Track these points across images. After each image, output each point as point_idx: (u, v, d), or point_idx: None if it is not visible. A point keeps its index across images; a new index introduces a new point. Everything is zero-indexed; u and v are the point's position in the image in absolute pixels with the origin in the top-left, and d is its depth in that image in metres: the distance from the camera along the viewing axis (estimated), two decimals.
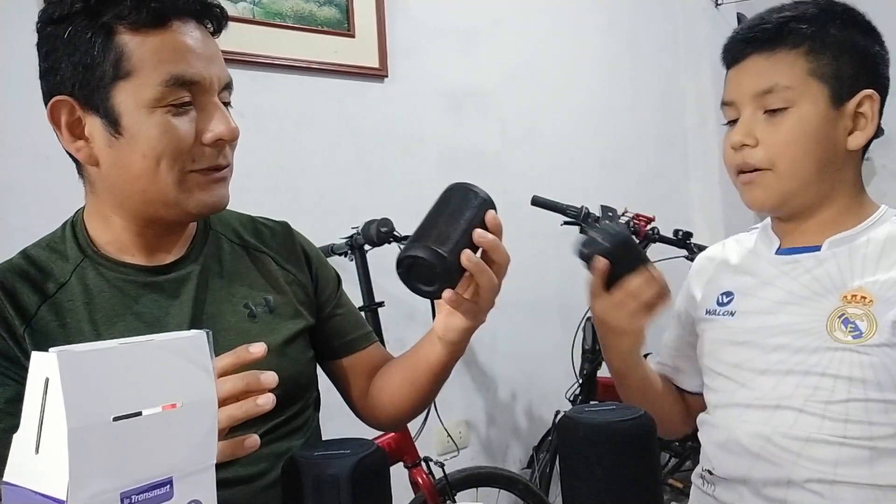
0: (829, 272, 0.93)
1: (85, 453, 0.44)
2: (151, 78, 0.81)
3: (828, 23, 0.93)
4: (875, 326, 0.86)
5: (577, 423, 0.69)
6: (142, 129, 0.82)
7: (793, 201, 0.95)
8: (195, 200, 0.87)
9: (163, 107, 0.82)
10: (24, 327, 0.84)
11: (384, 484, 0.67)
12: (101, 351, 0.47)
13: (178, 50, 0.83)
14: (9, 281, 0.86)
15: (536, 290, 2.53)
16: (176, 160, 0.84)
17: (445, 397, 2.08)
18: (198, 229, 0.98)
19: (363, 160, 2.18)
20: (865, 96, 0.92)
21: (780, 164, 0.92)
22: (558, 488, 0.81)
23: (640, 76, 2.91)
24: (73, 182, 0.95)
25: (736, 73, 0.97)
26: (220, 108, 0.86)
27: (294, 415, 0.97)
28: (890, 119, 1.08)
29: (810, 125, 0.92)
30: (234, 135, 0.87)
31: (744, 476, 0.93)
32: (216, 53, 0.88)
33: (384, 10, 2.18)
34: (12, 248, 0.91)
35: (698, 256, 1.15)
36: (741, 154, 0.95)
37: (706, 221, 2.92)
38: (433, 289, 0.80)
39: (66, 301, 0.87)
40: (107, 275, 0.89)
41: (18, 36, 1.66)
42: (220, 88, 0.88)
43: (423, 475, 1.82)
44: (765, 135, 0.93)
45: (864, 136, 0.94)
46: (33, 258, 0.89)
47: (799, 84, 0.92)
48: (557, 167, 2.61)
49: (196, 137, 0.84)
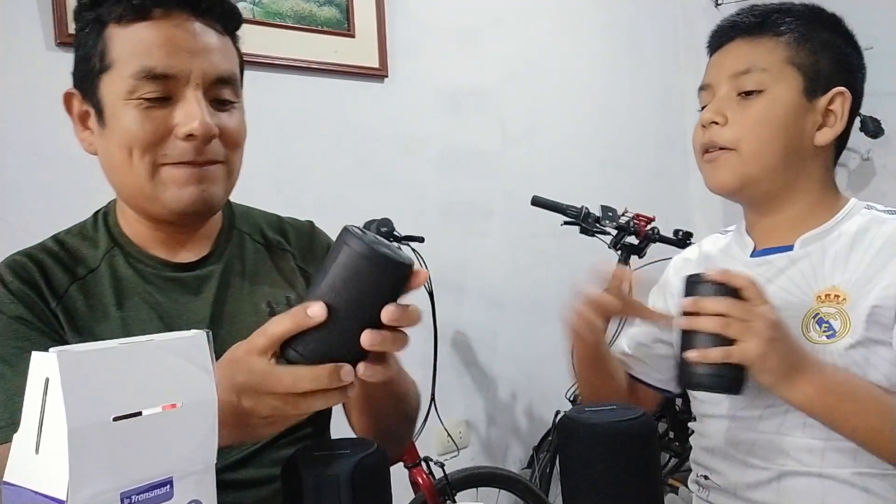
0: (803, 271, 0.93)
1: (85, 453, 0.44)
2: (125, 70, 0.83)
3: (813, 21, 0.95)
4: (849, 325, 0.87)
5: (577, 423, 0.69)
6: (119, 121, 0.84)
7: (754, 186, 0.95)
8: (171, 195, 0.85)
9: (135, 99, 0.82)
10: (56, 303, 0.86)
11: (384, 484, 0.67)
12: (101, 351, 0.47)
13: (153, 42, 0.82)
14: (42, 259, 0.88)
15: (536, 290, 2.53)
16: (146, 152, 0.83)
17: (445, 397, 2.07)
18: (222, 229, 0.98)
19: (363, 160, 2.18)
20: (838, 93, 0.93)
21: (744, 144, 0.93)
22: (558, 488, 0.81)
23: (640, 76, 2.91)
24: (73, 182, 0.96)
25: (718, 56, 0.99)
26: (196, 103, 0.83)
27: (308, 419, 0.95)
28: (890, 119, 1.08)
29: (780, 110, 0.92)
30: (205, 131, 0.83)
31: (736, 480, 0.94)
32: (207, 46, 0.85)
33: (384, 10, 2.18)
34: (12, 248, 0.91)
35: (675, 257, 1.15)
36: (709, 132, 0.95)
37: (706, 221, 2.91)
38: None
39: (95, 286, 0.88)
40: (135, 265, 0.91)
41: (19, 36, 1.66)
42: (209, 83, 0.85)
43: (423, 475, 1.82)
44: (735, 114, 0.94)
45: (832, 133, 0.94)
46: (65, 243, 0.91)
47: (775, 68, 0.93)
48: (557, 167, 2.61)
49: (170, 131, 0.84)
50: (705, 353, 0.80)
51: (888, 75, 2.58)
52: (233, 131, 0.88)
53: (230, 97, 0.88)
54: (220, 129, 0.86)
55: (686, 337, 0.83)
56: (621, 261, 2.14)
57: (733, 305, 0.80)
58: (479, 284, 2.41)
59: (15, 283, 0.85)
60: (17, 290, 0.84)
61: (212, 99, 0.86)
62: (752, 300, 0.81)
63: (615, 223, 2.13)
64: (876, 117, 2.52)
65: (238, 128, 0.89)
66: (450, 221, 2.36)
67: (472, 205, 2.42)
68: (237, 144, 0.90)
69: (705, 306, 0.80)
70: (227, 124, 0.88)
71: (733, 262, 1.01)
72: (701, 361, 0.81)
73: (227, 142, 0.88)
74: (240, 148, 0.91)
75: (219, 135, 0.86)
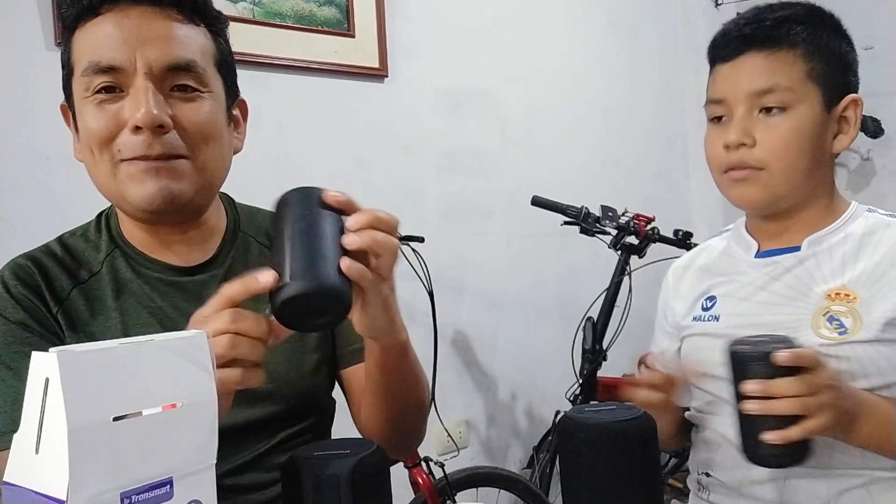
0: (810, 270, 0.94)
1: (85, 453, 0.44)
2: (79, 68, 0.82)
3: (818, 28, 0.95)
4: (860, 323, 0.88)
5: (577, 423, 0.69)
6: (83, 121, 0.83)
7: (783, 201, 0.95)
8: (132, 193, 0.82)
9: (91, 95, 0.82)
10: (57, 308, 0.85)
11: (384, 484, 0.67)
12: (101, 351, 0.47)
13: (99, 37, 0.82)
14: (45, 262, 0.88)
15: (536, 290, 2.53)
16: (103, 150, 0.82)
17: (445, 397, 2.07)
18: (226, 232, 0.96)
19: (363, 160, 2.18)
20: (851, 101, 0.94)
21: (774, 164, 0.92)
22: (558, 488, 0.81)
23: (640, 76, 2.91)
24: (72, 182, 0.96)
25: (731, 69, 0.96)
26: (141, 94, 0.80)
27: (311, 425, 0.95)
28: (890, 119, 1.09)
29: (807, 127, 0.92)
30: (149, 120, 0.79)
31: (741, 476, 0.93)
32: (157, 34, 0.82)
33: (384, 10, 2.18)
34: (12, 247, 0.91)
35: (671, 268, 1.14)
36: (737, 153, 0.94)
37: (706, 221, 2.92)
38: (328, 318, 0.67)
39: (97, 289, 0.88)
40: (136, 268, 0.90)
41: (19, 36, 1.66)
42: (160, 71, 0.81)
43: (424, 475, 1.82)
44: (762, 135, 0.93)
45: (847, 140, 0.95)
46: (68, 246, 0.91)
47: (799, 86, 0.92)
48: (557, 167, 2.61)
49: (123, 125, 0.81)
50: (785, 434, 0.76)
51: (888, 75, 2.58)
52: (194, 122, 0.83)
53: (193, 84, 0.84)
54: (179, 119, 0.82)
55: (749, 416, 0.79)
56: (621, 260, 2.14)
57: (804, 383, 0.76)
58: (479, 284, 2.41)
59: (18, 288, 0.84)
60: (19, 294, 0.84)
61: (171, 88, 0.83)
62: (817, 371, 0.78)
63: (615, 223, 2.13)
64: (876, 117, 2.52)
65: (202, 119, 0.84)
66: (450, 221, 2.35)
67: (472, 205, 2.42)
68: (204, 136, 0.84)
69: (778, 390, 0.76)
70: (187, 115, 0.83)
71: (736, 263, 1.01)
72: (781, 443, 0.77)
73: (189, 134, 0.83)
74: (211, 140, 0.85)
75: (174, 126, 0.82)
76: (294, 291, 0.63)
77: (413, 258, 1.88)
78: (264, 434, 0.90)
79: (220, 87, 0.89)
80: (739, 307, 0.98)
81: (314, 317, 0.66)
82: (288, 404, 0.92)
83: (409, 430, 0.98)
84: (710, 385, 0.99)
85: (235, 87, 0.94)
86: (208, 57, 0.87)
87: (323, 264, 0.65)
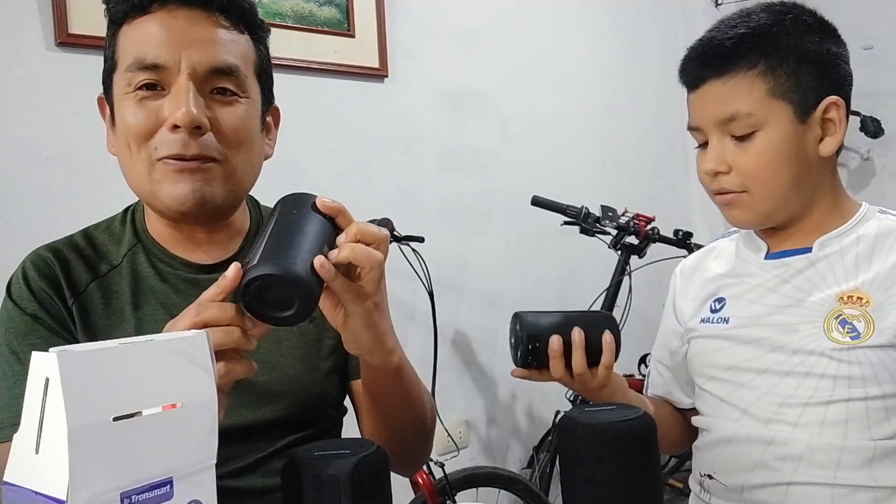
0: (822, 272, 0.93)
1: (85, 453, 0.44)
2: (124, 64, 0.84)
3: (780, 35, 0.90)
4: (872, 328, 0.86)
5: (577, 423, 0.69)
6: (121, 116, 0.84)
7: (774, 217, 0.95)
8: (165, 192, 0.83)
9: (132, 91, 0.83)
10: (73, 300, 0.86)
11: (384, 484, 0.67)
12: (101, 351, 0.47)
13: (145, 34, 0.83)
14: (66, 254, 0.89)
15: (536, 290, 2.53)
16: (140, 147, 0.83)
17: (445, 397, 2.06)
18: (248, 232, 0.96)
19: (363, 160, 2.18)
20: (830, 103, 0.91)
21: (753, 187, 0.92)
22: (558, 488, 0.81)
23: (640, 76, 2.91)
24: (73, 182, 0.95)
25: (697, 98, 0.95)
26: (182, 93, 0.81)
27: (317, 433, 0.94)
28: (890, 119, 1.08)
29: (778, 145, 0.90)
30: (189, 120, 0.80)
31: (743, 480, 0.93)
32: (203, 37, 0.83)
33: (384, 10, 2.19)
34: (12, 247, 0.91)
35: (678, 268, 1.13)
36: (717, 181, 0.94)
37: (706, 221, 2.92)
38: (293, 311, 0.65)
39: (115, 283, 0.89)
40: (156, 264, 0.91)
41: (19, 36, 1.66)
42: (203, 73, 0.83)
43: (424, 475, 1.82)
44: (735, 160, 0.92)
45: (834, 142, 0.92)
46: (92, 238, 0.92)
47: (760, 108, 0.89)
48: (557, 167, 2.61)
49: (162, 122, 0.82)
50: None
51: (888, 75, 2.58)
52: (230, 125, 0.85)
53: (233, 88, 0.85)
54: (216, 122, 0.84)
55: None
56: (621, 260, 2.14)
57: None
58: (479, 284, 2.41)
59: (36, 281, 0.86)
60: (36, 286, 0.85)
61: (211, 90, 0.84)
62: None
63: (615, 223, 2.14)
64: (876, 117, 2.52)
65: (239, 123, 0.86)
66: (450, 221, 2.36)
67: (472, 205, 2.42)
68: (238, 140, 0.86)
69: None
70: (224, 118, 0.84)
71: (746, 265, 1.01)
72: None
73: (224, 136, 0.84)
74: (244, 145, 0.87)
75: (211, 128, 0.83)
76: (256, 272, 0.63)
77: (413, 258, 1.88)
78: (269, 437, 0.90)
79: (258, 93, 0.91)
80: (749, 309, 0.97)
81: (278, 308, 0.65)
82: (297, 407, 0.91)
83: (409, 449, 0.96)
84: (715, 387, 0.99)
85: (271, 95, 0.96)
86: (249, 63, 0.89)
87: (293, 254, 0.65)
